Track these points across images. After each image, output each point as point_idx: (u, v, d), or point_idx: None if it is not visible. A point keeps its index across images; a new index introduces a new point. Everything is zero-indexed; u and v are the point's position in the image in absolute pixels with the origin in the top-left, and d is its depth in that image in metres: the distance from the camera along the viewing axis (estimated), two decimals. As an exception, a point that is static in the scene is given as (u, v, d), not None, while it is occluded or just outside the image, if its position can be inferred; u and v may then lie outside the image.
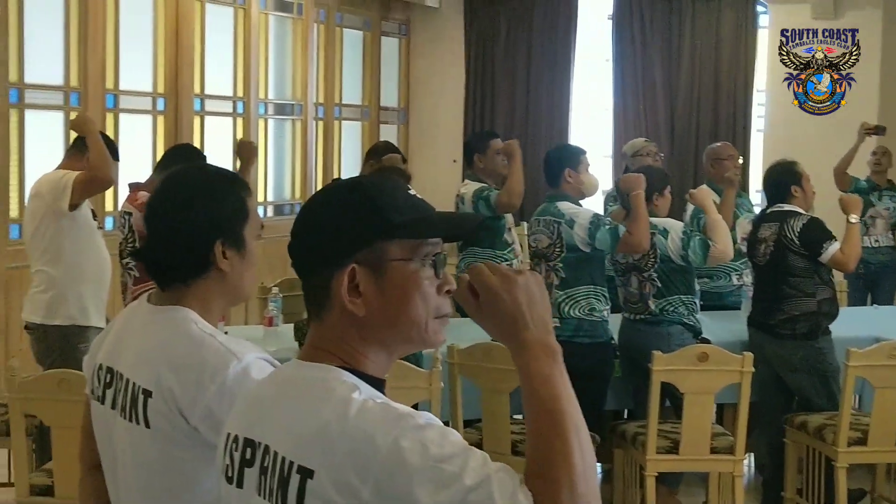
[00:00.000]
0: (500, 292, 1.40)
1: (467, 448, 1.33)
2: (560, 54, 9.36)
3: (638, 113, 9.34)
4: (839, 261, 4.96)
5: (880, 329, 5.62)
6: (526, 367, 1.39)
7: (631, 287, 4.93)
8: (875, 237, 7.40)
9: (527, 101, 9.39)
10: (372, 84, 9.34)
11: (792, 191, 5.14)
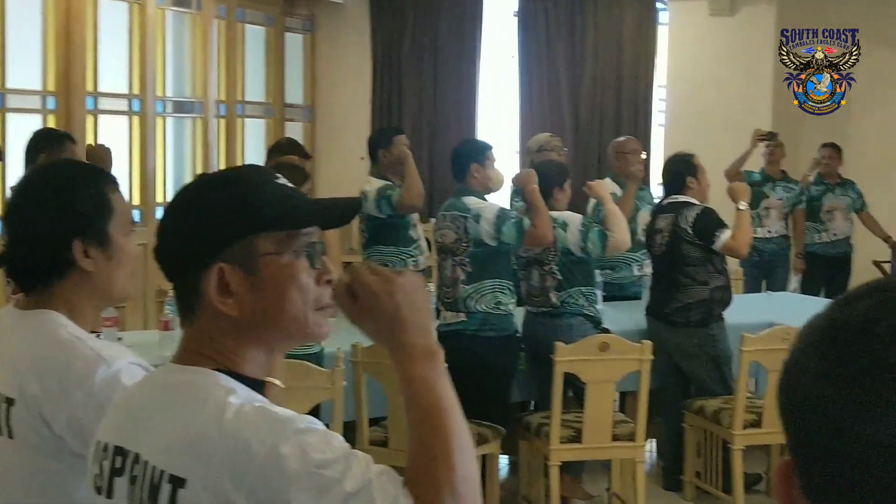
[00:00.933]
0: (379, 294, 1.37)
1: (349, 453, 1.30)
2: (466, 51, 9.43)
3: (543, 109, 9.45)
4: (732, 247, 5.11)
5: (773, 314, 5.80)
6: (405, 371, 1.36)
7: (532, 280, 5.02)
8: (768, 227, 7.62)
9: (434, 97, 9.45)
10: (276, 81, 9.30)
11: (688, 182, 5.30)
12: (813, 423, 0.82)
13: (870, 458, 0.78)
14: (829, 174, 7.82)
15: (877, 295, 0.83)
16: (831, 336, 0.83)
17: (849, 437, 0.79)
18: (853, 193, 7.84)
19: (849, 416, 0.79)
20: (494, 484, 4.72)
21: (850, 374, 0.80)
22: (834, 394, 0.80)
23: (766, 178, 7.63)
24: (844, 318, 0.83)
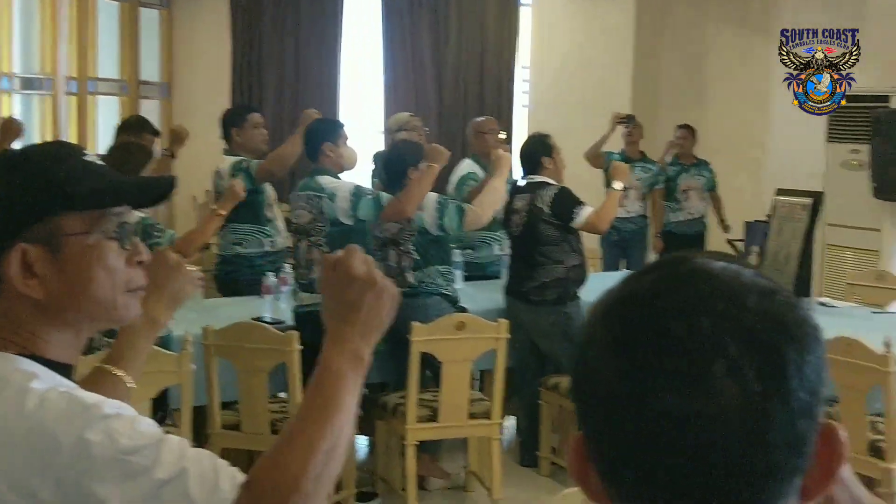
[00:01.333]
0: (355, 282, 1.40)
1: (161, 438, 1.26)
2: (328, 28, 9.31)
3: (407, 88, 9.42)
4: (593, 223, 5.17)
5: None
6: (328, 358, 1.39)
7: (389, 261, 4.98)
8: (627, 207, 7.74)
9: (296, 75, 9.31)
10: (130, 57, 9.01)
11: (543, 162, 5.34)
12: (600, 394, 0.81)
13: (657, 429, 0.78)
14: (685, 155, 7.99)
15: (663, 269, 0.83)
16: (618, 309, 0.83)
17: (636, 409, 0.79)
18: (707, 173, 8.03)
19: (635, 387, 0.79)
20: (351, 465, 4.68)
21: (634, 345, 0.80)
22: (619, 365, 0.80)
23: (625, 160, 7.72)
24: (631, 291, 0.83)
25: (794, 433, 0.78)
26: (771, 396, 0.77)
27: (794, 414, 0.78)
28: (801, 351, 0.79)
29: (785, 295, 0.82)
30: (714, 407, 0.76)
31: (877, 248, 7.53)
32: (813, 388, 0.79)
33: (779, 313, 0.80)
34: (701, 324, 0.78)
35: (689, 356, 0.77)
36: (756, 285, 0.81)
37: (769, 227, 5.77)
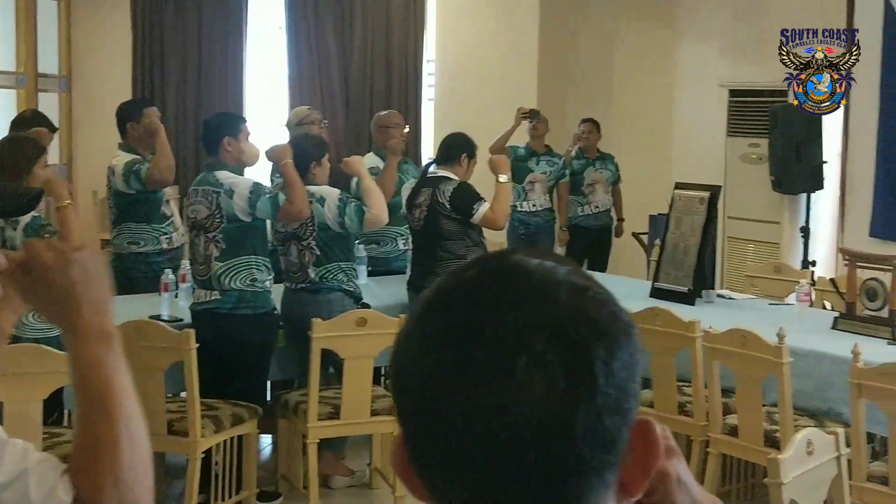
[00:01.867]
0: (53, 270, 1.28)
1: (3, 441, 1.24)
2: (232, 21, 9.18)
3: (313, 82, 9.33)
4: (489, 219, 5.19)
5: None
6: (75, 351, 1.29)
7: (291, 256, 4.93)
8: (533, 201, 7.79)
9: (199, 68, 9.16)
10: (27, 49, 8.76)
11: (461, 159, 5.34)
12: (414, 388, 0.82)
13: (464, 423, 0.78)
14: (589, 148, 8.05)
15: (482, 265, 0.85)
16: (434, 303, 0.83)
17: (444, 403, 0.79)
18: (612, 167, 8.11)
19: (443, 381, 0.79)
20: (252, 464, 4.63)
21: (445, 340, 0.80)
22: (430, 360, 0.81)
23: (530, 153, 7.79)
24: (447, 287, 0.84)
25: (602, 429, 0.79)
26: (577, 391, 0.78)
27: (601, 409, 0.78)
28: (610, 348, 0.80)
29: (597, 293, 0.83)
30: (520, 400, 0.77)
31: (776, 240, 7.69)
32: (623, 385, 0.80)
33: (588, 310, 0.81)
34: (508, 319, 0.79)
35: (495, 350, 0.78)
36: (568, 282, 0.82)
37: (668, 221, 5.84)
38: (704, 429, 4.63)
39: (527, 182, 7.74)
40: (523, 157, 7.67)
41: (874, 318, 4.84)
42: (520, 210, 7.75)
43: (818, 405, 4.53)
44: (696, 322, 4.66)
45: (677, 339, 4.72)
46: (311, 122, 6.15)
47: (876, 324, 4.80)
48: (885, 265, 4.83)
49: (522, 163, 7.64)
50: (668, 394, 4.84)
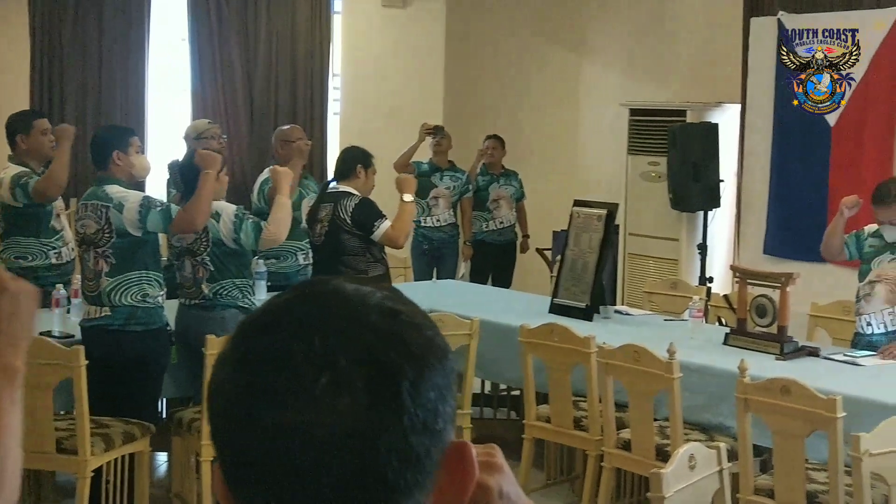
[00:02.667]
0: None
1: None
2: (134, 31, 9.03)
3: (216, 93, 9.22)
4: (390, 237, 5.19)
5: (435, 301, 5.95)
6: None
7: (185, 271, 4.86)
8: (437, 216, 7.82)
9: (99, 80, 8.98)
10: (-80, 59, 8.54)
11: (356, 170, 5.34)
12: (224, 410, 0.83)
13: (274, 443, 0.80)
14: (494, 165, 8.10)
15: (299, 290, 0.87)
16: (248, 327, 0.86)
17: (253, 423, 0.81)
18: (516, 183, 8.17)
19: (249, 402, 0.81)
20: (145, 483, 4.55)
21: (253, 362, 0.82)
22: (238, 382, 0.82)
23: (433, 169, 7.81)
24: (264, 311, 0.86)
25: (408, 449, 0.80)
26: (381, 411, 0.80)
27: (407, 430, 0.80)
28: (419, 370, 0.82)
29: (410, 317, 0.85)
30: (322, 420, 0.79)
31: (675, 257, 7.82)
32: (432, 407, 0.82)
33: (400, 333, 0.83)
34: (316, 341, 0.81)
35: (300, 371, 0.80)
36: (382, 306, 0.84)
37: (567, 238, 5.91)
38: (599, 443, 4.68)
39: (430, 197, 7.76)
40: (427, 173, 7.69)
41: (763, 335, 4.95)
42: (423, 225, 7.77)
43: (709, 419, 4.62)
44: (591, 338, 4.72)
45: (573, 354, 4.77)
46: (211, 137, 6.10)
47: (765, 339, 4.91)
48: (774, 282, 4.95)
49: (426, 178, 7.66)
50: (564, 409, 4.89)
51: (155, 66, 9.23)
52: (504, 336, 5.33)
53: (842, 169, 6.69)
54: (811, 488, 3.86)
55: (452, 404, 0.85)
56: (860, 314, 4.95)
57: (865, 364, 4.68)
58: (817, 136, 6.78)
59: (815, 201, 6.74)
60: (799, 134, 6.90)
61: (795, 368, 4.46)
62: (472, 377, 5.27)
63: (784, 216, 7.02)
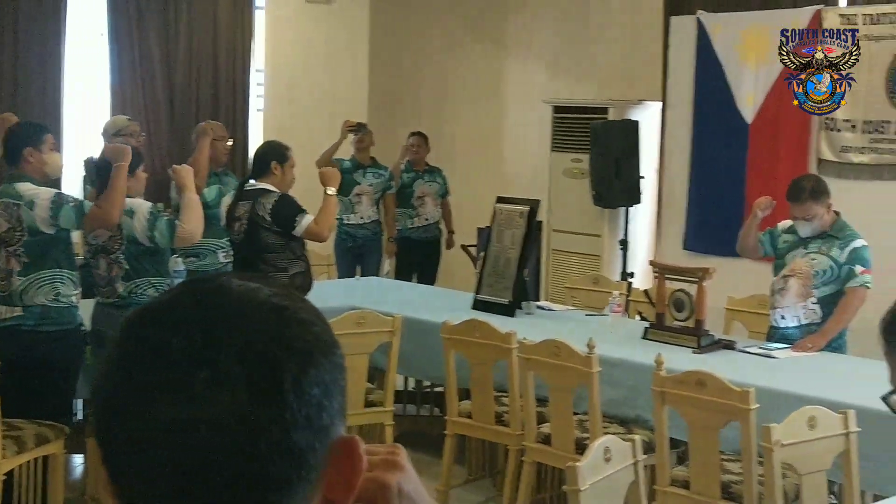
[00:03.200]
0: None
1: None
2: (50, 26, 8.85)
3: (136, 89, 9.08)
4: (313, 231, 5.15)
5: (359, 299, 5.94)
6: None
7: (100, 270, 4.78)
8: (361, 214, 7.79)
9: (14, 75, 8.78)
10: None
11: (272, 167, 5.28)
12: (106, 408, 0.83)
13: (155, 440, 0.80)
14: (418, 161, 8.10)
15: (185, 287, 0.87)
16: (131, 325, 0.86)
17: (134, 420, 0.80)
18: (440, 179, 8.18)
19: (129, 398, 0.81)
20: (59, 485, 4.47)
21: (134, 359, 0.82)
22: (120, 378, 0.82)
23: (356, 166, 7.78)
24: (148, 308, 0.86)
25: (291, 444, 0.80)
26: (262, 407, 0.80)
27: (289, 426, 0.80)
28: (303, 366, 0.82)
29: (296, 312, 0.85)
30: (202, 416, 0.79)
31: (598, 252, 7.89)
32: (317, 402, 0.82)
33: (284, 329, 0.83)
34: (197, 337, 0.81)
35: (179, 367, 0.80)
36: (268, 302, 0.84)
37: (490, 234, 5.93)
38: (520, 438, 4.71)
39: (353, 194, 7.74)
40: (349, 170, 7.66)
41: (681, 329, 5.02)
42: (347, 223, 7.75)
43: (627, 413, 4.67)
44: (513, 334, 4.74)
45: (494, 350, 4.79)
46: (130, 134, 6.01)
47: (682, 333, 4.98)
48: (691, 277, 5.02)
49: (349, 175, 7.63)
50: (486, 404, 4.90)
51: (72, 62, 9.06)
52: (427, 333, 5.33)
53: (758, 166, 6.81)
54: (726, 479, 3.92)
55: (340, 399, 0.85)
56: (774, 308, 5.04)
57: (780, 357, 4.77)
58: (735, 133, 6.90)
59: (732, 198, 6.85)
60: (717, 132, 7.01)
61: (712, 361, 4.53)
62: (394, 374, 5.26)
63: (703, 212, 7.12)
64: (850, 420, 3.61)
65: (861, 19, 6.30)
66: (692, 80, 7.11)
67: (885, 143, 6.27)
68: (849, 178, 6.37)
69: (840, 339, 4.92)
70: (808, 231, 4.97)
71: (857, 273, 4.82)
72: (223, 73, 9.23)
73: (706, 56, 7.03)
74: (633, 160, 7.50)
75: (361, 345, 5.06)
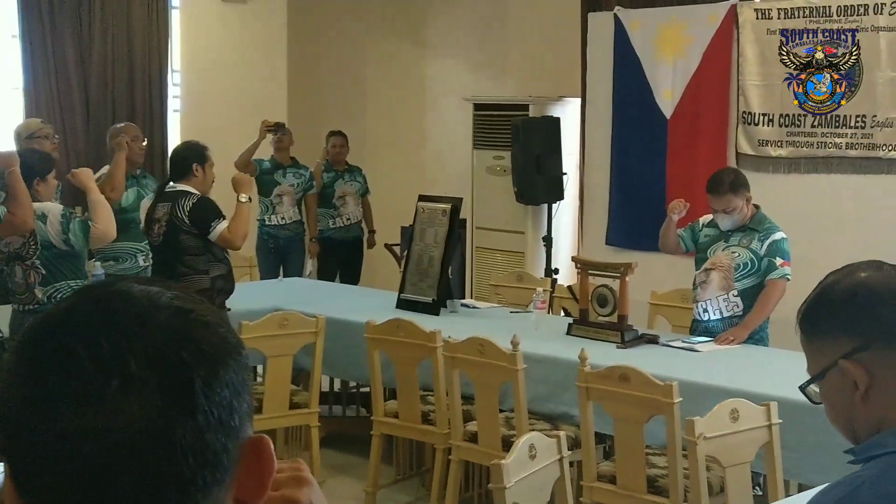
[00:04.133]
0: None
1: None
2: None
3: (50, 91, 8.88)
4: (226, 238, 5.09)
5: (282, 300, 5.87)
6: None
7: (16, 277, 4.66)
8: (282, 214, 7.72)
9: (-78, 77, 8.56)
10: None
11: (193, 169, 5.20)
12: (9, 417, 0.82)
13: (64, 450, 0.78)
14: (338, 161, 8.04)
15: (83, 292, 0.86)
16: (33, 332, 0.84)
17: (42, 430, 0.79)
18: (360, 179, 8.13)
19: (35, 409, 0.80)
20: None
21: (37, 368, 0.81)
22: (27, 389, 0.80)
23: (276, 166, 7.70)
24: (49, 315, 0.85)
25: (204, 447, 0.81)
26: (175, 412, 0.79)
27: (202, 428, 0.80)
28: (212, 368, 0.82)
29: (201, 315, 0.85)
30: (114, 423, 0.78)
31: (522, 249, 7.91)
32: (227, 403, 0.82)
33: (191, 332, 0.83)
34: (104, 343, 0.80)
35: (88, 376, 0.79)
36: (171, 306, 0.84)
37: (413, 233, 5.90)
38: (446, 437, 4.69)
39: (274, 195, 7.66)
40: (269, 170, 7.58)
41: (605, 324, 5.04)
42: (268, 224, 7.66)
43: (554, 409, 4.67)
44: (437, 332, 4.71)
45: (419, 349, 4.76)
46: (44, 137, 5.88)
47: (606, 329, 5.00)
48: (613, 272, 5.04)
49: (269, 176, 7.55)
50: (412, 404, 4.87)
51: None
52: (351, 333, 5.29)
53: (678, 160, 6.87)
54: (651, 473, 3.94)
55: (248, 400, 0.86)
56: (697, 301, 5.09)
57: (702, 350, 4.81)
58: (655, 128, 6.96)
59: (653, 192, 6.90)
60: (637, 127, 7.06)
61: (635, 356, 4.56)
62: (318, 375, 5.21)
63: (624, 207, 7.17)
64: (772, 412, 3.65)
65: (776, 13, 6.40)
66: (611, 76, 7.15)
67: (802, 136, 6.37)
68: (767, 172, 6.46)
69: (762, 331, 4.98)
70: (728, 224, 5.02)
71: (777, 265, 4.89)
72: (139, 73, 9.07)
73: (624, 52, 7.08)
74: (554, 157, 7.52)
75: (285, 346, 5.00)
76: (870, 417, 1.51)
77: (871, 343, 1.50)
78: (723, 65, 6.64)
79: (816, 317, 1.59)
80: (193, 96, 9.17)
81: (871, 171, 6.14)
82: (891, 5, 5.97)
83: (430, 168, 9.11)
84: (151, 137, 8.73)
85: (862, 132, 6.14)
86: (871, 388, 1.50)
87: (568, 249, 7.82)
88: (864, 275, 1.57)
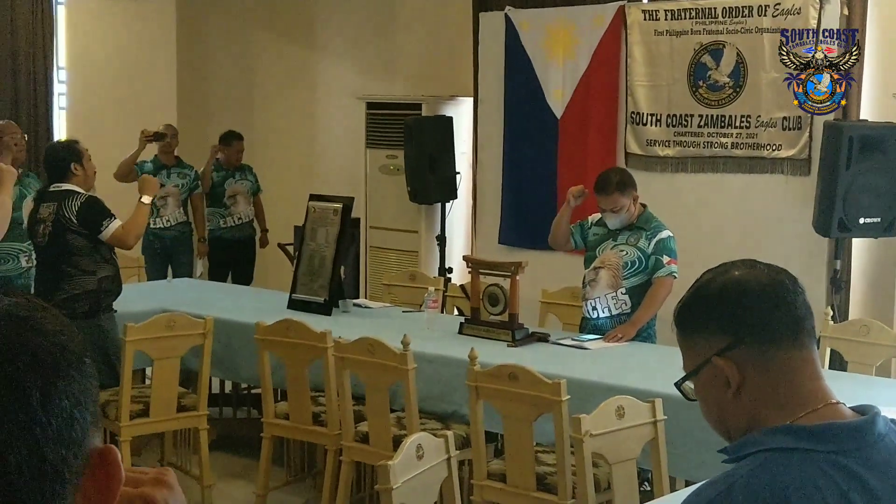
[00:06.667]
0: None
1: None
2: None
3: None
4: (119, 237, 5.01)
5: (171, 301, 5.77)
6: None
7: None
8: (166, 216, 7.58)
9: None
10: None
11: (72, 168, 5.09)
12: None
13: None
14: (228, 160, 7.93)
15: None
16: None
17: None
18: (251, 178, 8.03)
19: None
20: None
21: None
22: None
23: (159, 167, 7.56)
24: None
25: (42, 462, 0.77)
26: (9, 426, 0.76)
27: (39, 442, 0.77)
28: (50, 378, 0.79)
29: (39, 323, 0.82)
30: None
31: (416, 249, 7.90)
32: (68, 414, 0.79)
33: (27, 341, 0.80)
34: None
35: None
36: (8, 314, 0.81)
37: (304, 232, 5.85)
38: (337, 438, 4.65)
39: (158, 196, 7.50)
40: (152, 172, 7.43)
41: (496, 322, 5.06)
42: (153, 226, 7.49)
43: (445, 408, 4.67)
44: (328, 333, 4.68)
45: (310, 350, 4.72)
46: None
47: (497, 327, 5.02)
48: (504, 272, 5.06)
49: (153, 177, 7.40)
50: (303, 405, 4.83)
51: None
52: (241, 334, 5.22)
53: (569, 160, 6.94)
54: (541, 470, 3.97)
55: (92, 409, 0.83)
56: (586, 299, 5.14)
57: (592, 347, 4.86)
58: (546, 127, 7.02)
59: (544, 192, 6.96)
60: (528, 126, 7.11)
61: (526, 354, 4.58)
62: (207, 377, 5.12)
63: (516, 207, 7.22)
64: (657, 408, 3.70)
65: (663, 14, 6.50)
66: (503, 76, 7.19)
67: (689, 136, 6.49)
68: (655, 171, 6.57)
69: (649, 328, 5.05)
70: (616, 223, 5.08)
71: (664, 263, 4.96)
72: (23, 71, 8.83)
73: (515, 51, 7.12)
74: (447, 156, 7.53)
75: (172, 348, 4.91)
76: (741, 415, 1.52)
77: (742, 341, 1.52)
78: (611, 65, 6.73)
79: (691, 314, 1.61)
80: (80, 93, 8.96)
81: (756, 171, 6.29)
82: (774, 7, 6.13)
83: (323, 167, 9.04)
84: (36, 135, 8.52)
85: (747, 132, 6.29)
86: (742, 386, 1.52)
87: (461, 248, 7.84)
88: (737, 273, 1.58)
